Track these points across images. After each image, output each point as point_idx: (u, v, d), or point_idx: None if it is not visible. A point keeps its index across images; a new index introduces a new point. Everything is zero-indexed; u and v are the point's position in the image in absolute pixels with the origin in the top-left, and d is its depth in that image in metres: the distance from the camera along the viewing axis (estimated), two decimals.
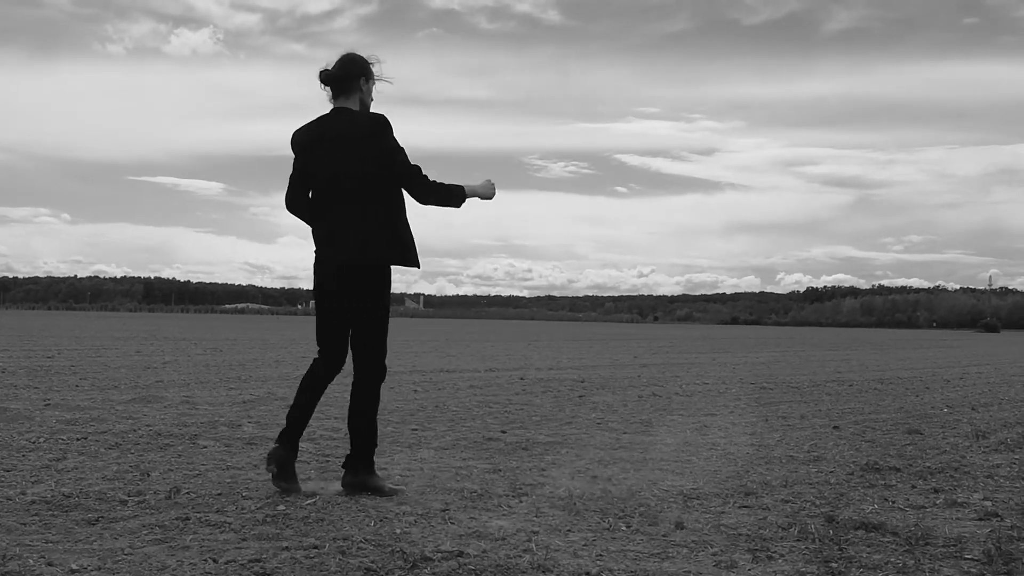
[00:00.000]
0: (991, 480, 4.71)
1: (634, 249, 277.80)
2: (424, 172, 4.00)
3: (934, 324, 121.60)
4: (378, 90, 4.16)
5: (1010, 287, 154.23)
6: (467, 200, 4.13)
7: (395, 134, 3.96)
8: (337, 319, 4.04)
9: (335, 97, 4.05)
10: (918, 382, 12.55)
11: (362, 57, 4.09)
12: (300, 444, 5.39)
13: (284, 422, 4.08)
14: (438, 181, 4.03)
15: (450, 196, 4.07)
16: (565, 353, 19.43)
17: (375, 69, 4.12)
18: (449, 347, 21.32)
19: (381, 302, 3.99)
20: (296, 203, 4.14)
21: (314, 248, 4.07)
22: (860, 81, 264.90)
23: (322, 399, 4.26)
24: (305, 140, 4.04)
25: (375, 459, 4.11)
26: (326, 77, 4.04)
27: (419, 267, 4.05)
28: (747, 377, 12.74)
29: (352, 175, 3.90)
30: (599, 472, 4.69)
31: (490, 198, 4.24)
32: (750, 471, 4.83)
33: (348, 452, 4.09)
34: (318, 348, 4.13)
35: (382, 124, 3.94)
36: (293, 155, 4.09)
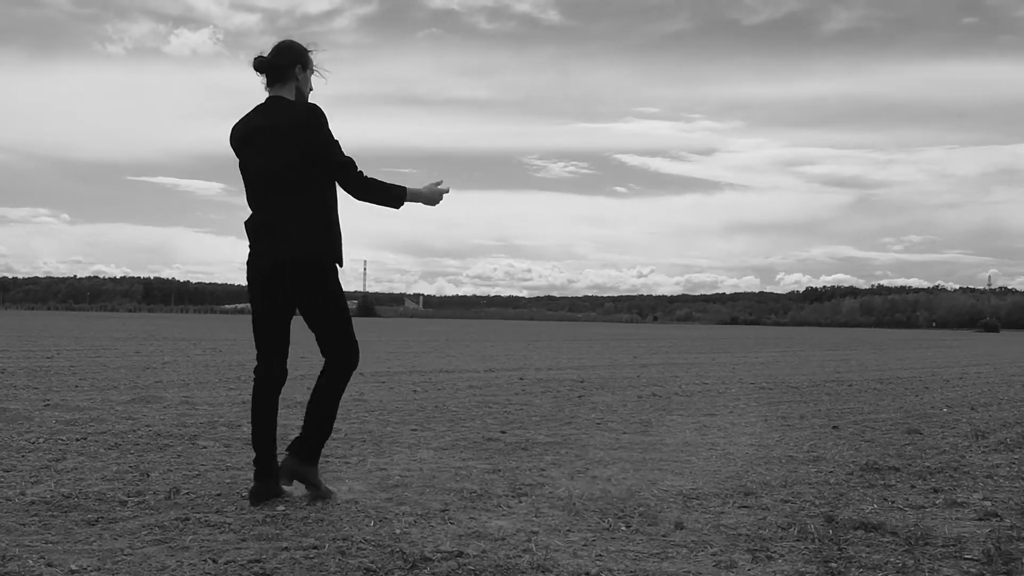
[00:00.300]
0: (991, 480, 4.71)
1: (634, 249, 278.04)
2: (359, 167, 3.83)
3: (933, 324, 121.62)
4: (318, 79, 3.99)
5: (1009, 287, 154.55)
6: (407, 203, 3.93)
7: (330, 126, 3.78)
8: (276, 318, 3.85)
9: (270, 85, 3.88)
10: (917, 382, 12.55)
11: (299, 44, 3.92)
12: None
13: (255, 451, 3.85)
14: (375, 178, 3.86)
15: (388, 195, 3.88)
16: (565, 353, 19.43)
17: (313, 57, 3.95)
18: (448, 347, 21.32)
19: (332, 293, 3.83)
20: None
21: (248, 244, 3.88)
22: (860, 81, 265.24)
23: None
24: (241, 133, 3.87)
25: (326, 454, 4.03)
26: (259, 64, 3.86)
27: (342, 265, 3.87)
28: (747, 377, 12.74)
29: (286, 167, 3.73)
30: (599, 472, 4.69)
31: (434, 203, 4.02)
32: (750, 471, 4.83)
33: (298, 435, 3.90)
34: (257, 353, 3.93)
35: (316, 115, 3.76)
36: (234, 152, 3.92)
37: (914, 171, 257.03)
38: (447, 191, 4.04)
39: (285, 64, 3.85)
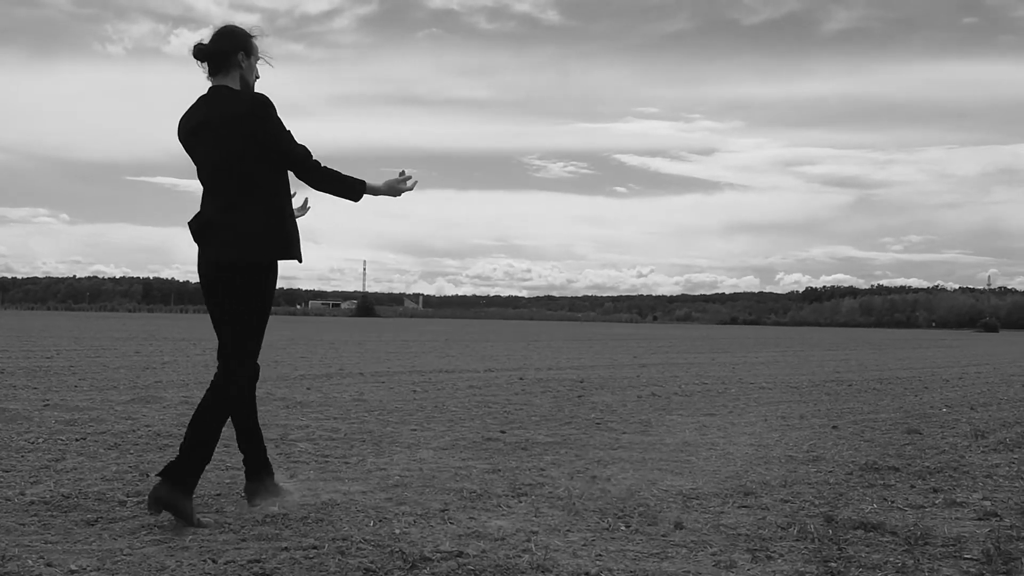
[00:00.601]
0: (990, 480, 4.72)
1: (633, 249, 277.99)
2: (315, 157, 3.64)
3: (933, 324, 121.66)
4: (263, 66, 3.75)
5: (1009, 287, 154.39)
6: (366, 196, 3.75)
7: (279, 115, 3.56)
8: (220, 322, 3.62)
9: (212, 74, 3.63)
10: (917, 382, 12.55)
11: (242, 30, 3.69)
12: (300, 444, 5.41)
13: (242, 452, 3.81)
14: (333, 168, 3.67)
15: (346, 186, 3.68)
16: (564, 353, 19.43)
17: (257, 43, 3.71)
18: (448, 347, 21.32)
19: (253, 301, 3.53)
20: None
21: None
22: (859, 81, 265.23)
23: (320, 398, 4.23)
24: (186, 126, 3.64)
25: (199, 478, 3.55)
26: (199, 52, 3.61)
27: (301, 261, 3.66)
28: (746, 377, 12.74)
29: (228, 161, 3.50)
30: (598, 472, 4.69)
31: (396, 195, 3.85)
32: (749, 471, 4.83)
33: (172, 461, 3.53)
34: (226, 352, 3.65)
35: (263, 104, 3.52)
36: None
37: (914, 171, 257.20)
38: (411, 186, 3.87)
39: (227, 51, 3.61)
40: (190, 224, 3.61)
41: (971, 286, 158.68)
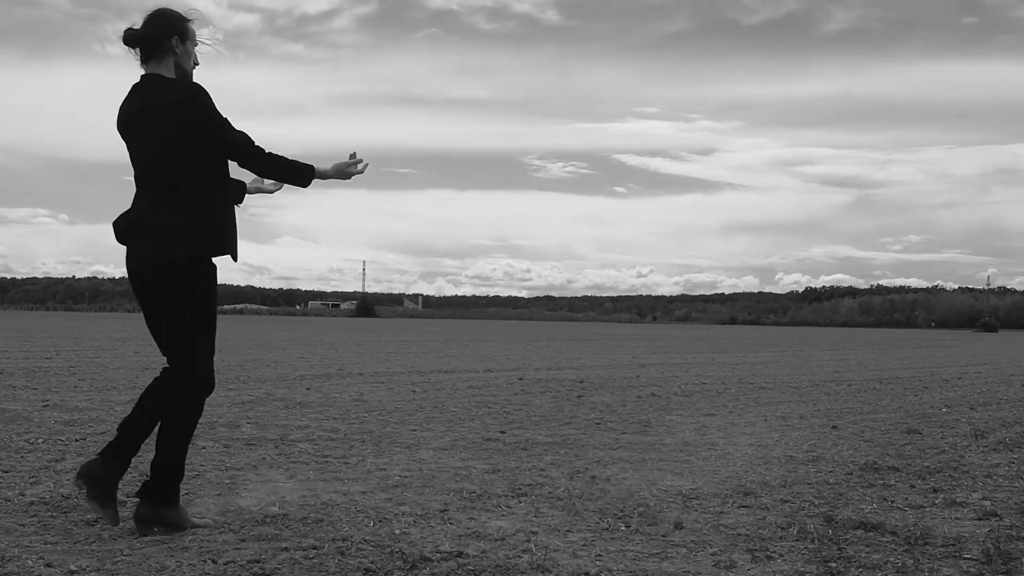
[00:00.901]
0: (990, 480, 4.72)
1: (633, 249, 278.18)
2: (256, 143, 3.44)
3: (932, 324, 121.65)
4: (202, 52, 3.51)
5: (1008, 287, 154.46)
6: (315, 180, 3.58)
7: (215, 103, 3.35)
8: (156, 322, 3.40)
9: (145, 61, 3.39)
10: (917, 382, 12.55)
11: (176, 12, 3.44)
12: (299, 444, 5.41)
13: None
14: (278, 154, 3.48)
15: (294, 172, 3.51)
16: (564, 353, 19.43)
17: (195, 27, 3.47)
18: (448, 347, 21.32)
19: (193, 297, 3.34)
20: None
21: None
22: (859, 81, 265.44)
23: (319, 398, 4.22)
24: (121, 118, 3.42)
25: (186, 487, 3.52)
26: (129, 37, 3.37)
27: (236, 259, 3.46)
28: (746, 377, 12.74)
29: (164, 152, 3.29)
30: (598, 472, 4.69)
31: (347, 178, 3.68)
32: (749, 471, 4.83)
33: (146, 480, 3.36)
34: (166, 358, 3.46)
35: (197, 92, 3.32)
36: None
37: (913, 171, 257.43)
38: (361, 169, 3.70)
39: (160, 35, 3.36)
40: (115, 223, 3.39)
41: (970, 286, 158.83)
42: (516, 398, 8.73)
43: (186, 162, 3.30)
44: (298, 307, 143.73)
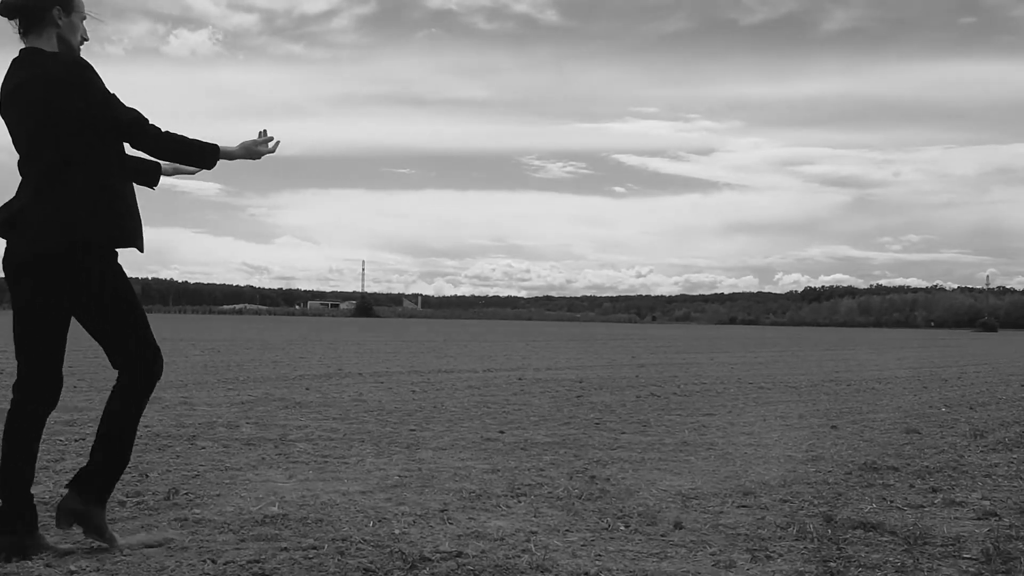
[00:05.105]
0: (989, 479, 4.72)
1: (632, 249, 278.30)
2: (150, 121, 3.15)
3: (932, 324, 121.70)
4: (92, 28, 3.25)
5: (1008, 286, 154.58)
6: (220, 160, 3.33)
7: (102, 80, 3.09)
8: (42, 327, 3.10)
9: (24, 34, 3.11)
10: (916, 381, 12.56)
11: None
12: (299, 445, 5.41)
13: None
14: (177, 132, 3.19)
15: (195, 151, 3.24)
16: (563, 353, 19.43)
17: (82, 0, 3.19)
18: (447, 347, 21.32)
19: (113, 288, 3.10)
20: None
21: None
22: (858, 81, 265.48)
23: (319, 398, 4.20)
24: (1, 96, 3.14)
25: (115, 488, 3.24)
26: (6, 7, 3.09)
27: (142, 250, 3.19)
28: (745, 377, 12.75)
29: (43, 133, 3.03)
30: (597, 472, 4.69)
31: (256, 158, 3.44)
32: (748, 471, 4.83)
33: (83, 466, 3.14)
34: (18, 373, 3.11)
35: (82, 67, 3.05)
36: None
37: (912, 171, 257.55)
38: (272, 147, 3.46)
39: (40, 6, 3.08)
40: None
41: (970, 286, 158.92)
42: (515, 398, 8.73)
43: (71, 143, 3.03)
44: (297, 307, 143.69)
